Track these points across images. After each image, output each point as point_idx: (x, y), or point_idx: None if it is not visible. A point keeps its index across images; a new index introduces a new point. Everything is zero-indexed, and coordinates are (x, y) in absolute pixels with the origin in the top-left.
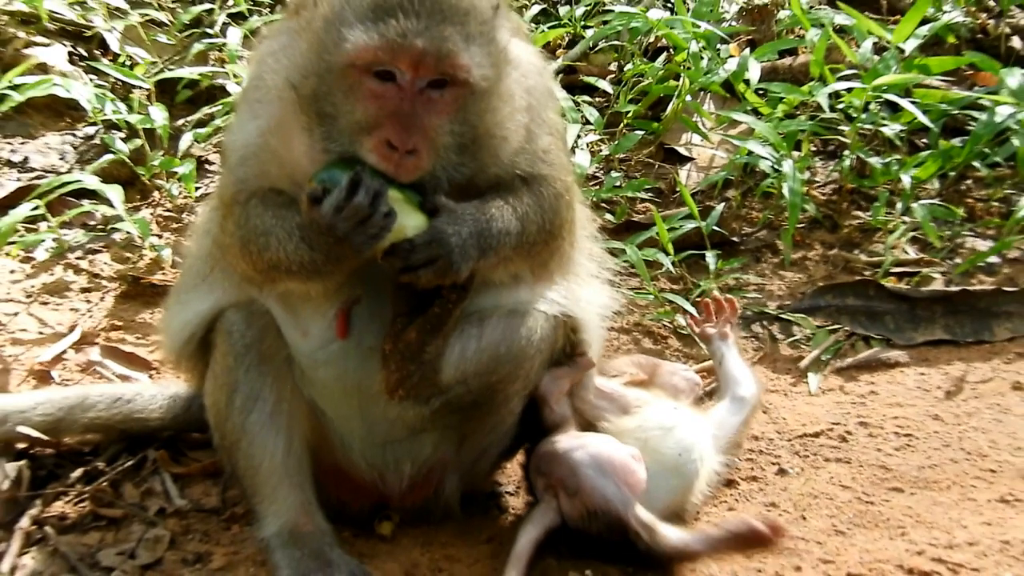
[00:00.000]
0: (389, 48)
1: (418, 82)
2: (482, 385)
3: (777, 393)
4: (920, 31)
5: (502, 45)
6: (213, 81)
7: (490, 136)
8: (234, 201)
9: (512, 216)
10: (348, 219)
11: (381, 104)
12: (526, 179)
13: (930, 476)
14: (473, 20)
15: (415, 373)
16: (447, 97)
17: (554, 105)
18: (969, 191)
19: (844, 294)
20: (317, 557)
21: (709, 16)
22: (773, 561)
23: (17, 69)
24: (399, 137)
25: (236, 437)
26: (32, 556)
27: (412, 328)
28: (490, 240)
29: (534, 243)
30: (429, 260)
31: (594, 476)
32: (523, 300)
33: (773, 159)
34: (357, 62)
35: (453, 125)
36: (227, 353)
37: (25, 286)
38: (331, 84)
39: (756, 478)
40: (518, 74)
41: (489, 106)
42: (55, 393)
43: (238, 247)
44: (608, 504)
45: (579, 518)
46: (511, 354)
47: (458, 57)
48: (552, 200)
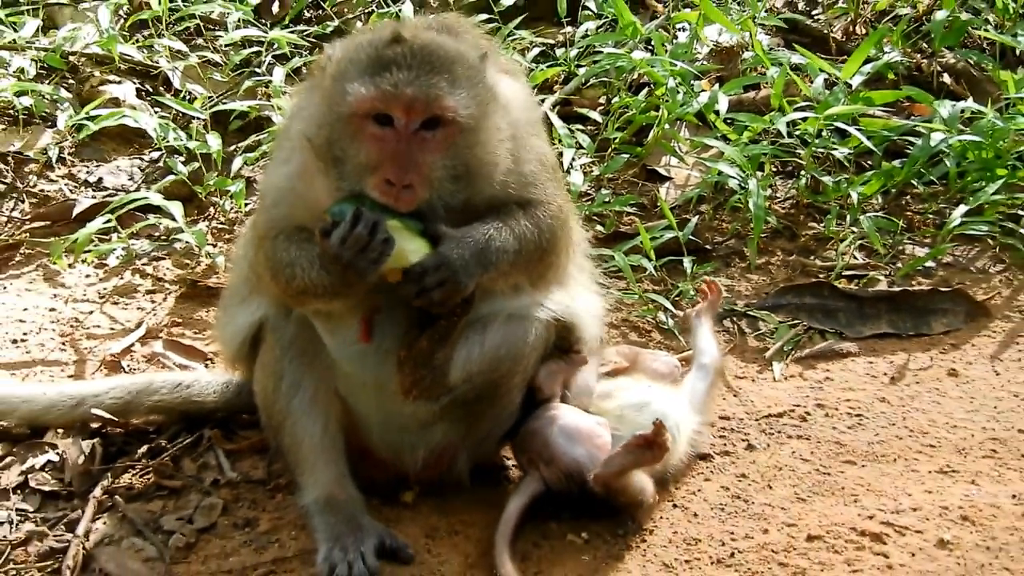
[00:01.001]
0: (384, 97)
1: (411, 124)
2: (485, 382)
3: (746, 379)
4: (864, 68)
5: (488, 85)
6: (260, 113)
7: (481, 165)
8: (265, 236)
9: (509, 235)
10: (351, 247)
11: (381, 146)
12: (521, 203)
13: (878, 451)
14: (459, 66)
15: (427, 376)
16: (439, 136)
17: (539, 135)
18: (908, 205)
19: (802, 294)
20: (349, 522)
21: (684, 56)
22: (744, 524)
23: (93, 103)
24: (396, 175)
25: (282, 418)
26: (104, 521)
27: (423, 337)
28: (489, 256)
29: (531, 259)
30: (439, 282)
31: (564, 444)
32: (521, 306)
33: (740, 178)
34: (358, 111)
35: (446, 160)
36: (274, 346)
37: (99, 288)
38: (340, 132)
39: (728, 452)
40: (505, 109)
41: (478, 140)
42: (124, 380)
43: (269, 276)
44: (579, 465)
45: (559, 482)
46: (510, 355)
47: (445, 100)
48: (547, 221)
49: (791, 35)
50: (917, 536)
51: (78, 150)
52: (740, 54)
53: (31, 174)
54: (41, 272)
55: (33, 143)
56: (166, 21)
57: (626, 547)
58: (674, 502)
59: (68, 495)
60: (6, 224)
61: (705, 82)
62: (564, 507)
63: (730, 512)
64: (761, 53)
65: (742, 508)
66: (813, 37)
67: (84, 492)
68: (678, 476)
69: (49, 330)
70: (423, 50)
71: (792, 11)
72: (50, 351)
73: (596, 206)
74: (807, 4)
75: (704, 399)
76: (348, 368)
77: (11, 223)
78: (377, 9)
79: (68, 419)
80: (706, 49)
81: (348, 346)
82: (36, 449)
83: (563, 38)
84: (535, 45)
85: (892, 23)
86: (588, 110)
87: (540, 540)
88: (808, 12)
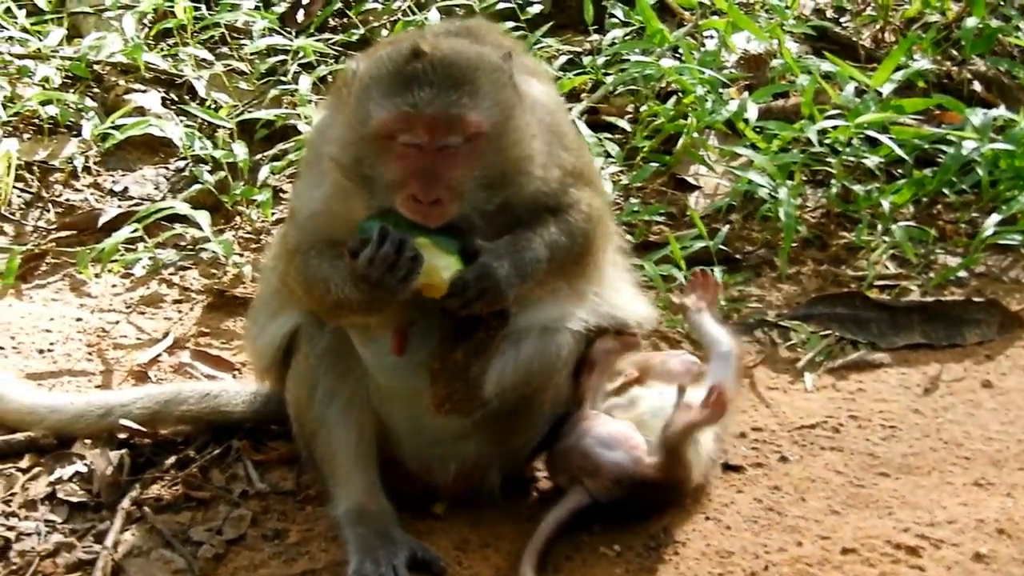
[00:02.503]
0: (405, 119)
1: (435, 143)
2: (517, 397)
3: (777, 390)
4: (895, 76)
5: (513, 88)
6: (286, 121)
7: (514, 165)
8: (297, 250)
9: (540, 244)
10: (379, 267)
11: (407, 164)
12: (551, 209)
13: (913, 463)
14: (482, 74)
15: (460, 390)
16: (465, 149)
17: (567, 135)
18: (940, 215)
19: (834, 304)
20: (380, 534)
21: (712, 64)
22: (778, 537)
23: (119, 112)
24: (422, 192)
25: (316, 427)
26: (132, 533)
27: (458, 350)
28: (525, 268)
29: (564, 265)
30: (481, 292)
31: (604, 452)
32: (554, 318)
33: (770, 187)
34: (381, 132)
35: (476, 170)
36: (309, 355)
37: (125, 298)
38: (366, 151)
39: (760, 464)
40: (532, 110)
41: (508, 143)
42: (153, 389)
43: (302, 290)
44: (622, 468)
45: (606, 491)
46: (543, 370)
47: (467, 117)
48: (579, 225)
49: (819, 42)
50: (953, 549)
51: (103, 159)
52: (768, 62)
53: (56, 183)
54: (67, 282)
55: (58, 152)
56: (191, 30)
57: (659, 559)
58: (706, 514)
59: (96, 506)
60: (32, 234)
61: (733, 90)
62: (596, 519)
63: (763, 524)
64: (791, 60)
65: (775, 520)
66: (841, 44)
67: (112, 503)
68: (703, 489)
69: (76, 340)
70: (443, 63)
71: (820, 18)
72: (77, 361)
73: (625, 215)
74: (835, 11)
75: (732, 389)
76: (381, 379)
77: (37, 232)
78: (403, 17)
79: (96, 429)
80: (734, 57)
81: (382, 357)
82: (64, 460)
83: (590, 46)
84: (562, 53)
85: (921, 31)
86: (616, 118)
87: (572, 553)
88: (836, 19)
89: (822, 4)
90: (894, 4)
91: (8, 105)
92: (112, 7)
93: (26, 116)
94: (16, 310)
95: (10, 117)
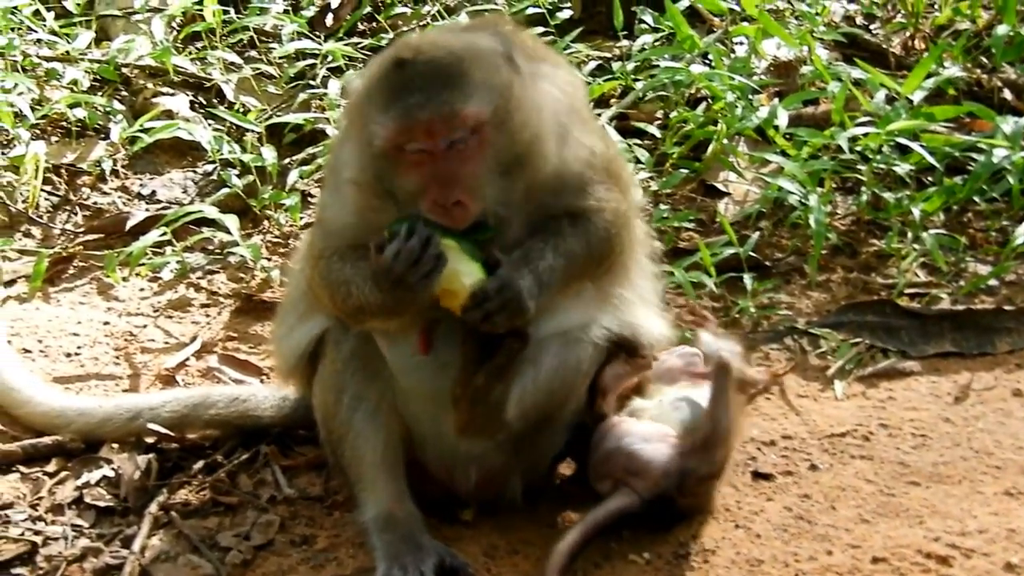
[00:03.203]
0: (404, 128)
1: (440, 144)
2: (540, 415)
3: (807, 398)
4: (925, 84)
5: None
6: (315, 126)
7: (527, 148)
8: (321, 256)
9: (559, 252)
10: (403, 261)
11: (421, 171)
12: (569, 214)
13: (943, 472)
14: (470, 64)
15: (482, 414)
16: (473, 142)
17: (587, 126)
18: (970, 222)
19: (864, 312)
20: (408, 540)
21: (742, 71)
22: (808, 546)
23: (147, 115)
24: (441, 196)
25: (343, 432)
26: (160, 538)
27: (479, 374)
28: (543, 278)
29: (585, 268)
30: (502, 305)
31: (647, 448)
32: (575, 326)
33: (800, 194)
34: (386, 147)
35: (489, 159)
36: (336, 359)
37: (153, 302)
38: (382, 168)
39: (790, 472)
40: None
41: (515, 124)
42: (181, 393)
43: (326, 294)
44: (669, 461)
45: (656, 488)
46: (564, 385)
47: (464, 111)
48: (598, 231)
49: (849, 49)
50: (984, 559)
51: (131, 162)
52: (798, 68)
53: (84, 186)
54: (94, 285)
55: (86, 155)
56: (220, 33)
57: (688, 567)
58: (736, 522)
59: (124, 511)
60: (59, 237)
61: (763, 96)
62: (627, 526)
63: (793, 533)
64: (821, 67)
65: (805, 529)
66: (871, 51)
67: (140, 508)
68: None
69: (103, 344)
70: (428, 65)
71: (850, 25)
72: (104, 365)
73: (655, 222)
74: (865, 18)
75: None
76: (405, 380)
77: (64, 235)
78: (432, 21)
79: (124, 433)
80: (764, 63)
81: (407, 358)
82: (91, 464)
83: (620, 52)
84: (591, 58)
85: (952, 38)
86: (646, 124)
87: (601, 560)
88: (866, 27)
89: (852, 11)
90: (924, 11)
91: (36, 108)
92: (140, 10)
93: (54, 119)
94: (43, 313)
95: (38, 120)
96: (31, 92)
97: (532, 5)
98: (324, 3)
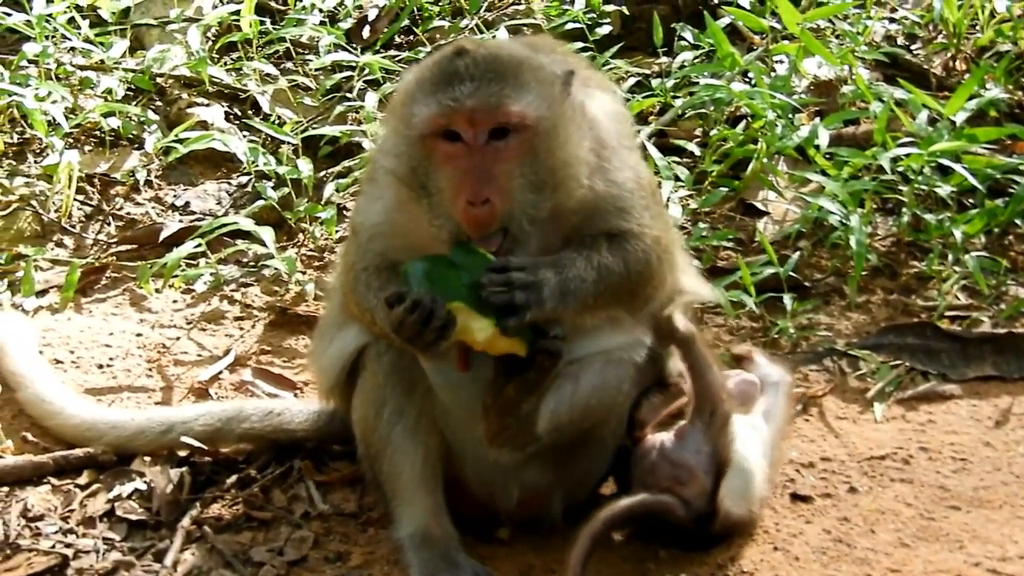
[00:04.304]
0: (446, 112)
1: (479, 136)
2: (576, 431)
3: (847, 420)
4: (968, 105)
5: (562, 89)
6: (351, 138)
7: (563, 169)
8: (352, 269)
9: (588, 266)
10: (409, 328)
11: (455, 164)
12: (608, 234)
13: (984, 496)
14: (526, 69)
15: (512, 425)
16: (512, 144)
17: (633, 154)
18: (1012, 245)
19: (904, 334)
20: (445, 559)
21: (783, 89)
22: (847, 569)
23: (182, 126)
24: (472, 191)
25: (382, 446)
26: (192, 552)
27: (511, 386)
28: (569, 284)
29: (618, 293)
30: (524, 285)
31: (692, 456)
32: (617, 346)
33: (841, 214)
34: (425, 131)
35: (524, 167)
36: (376, 373)
37: (186, 314)
38: (417, 157)
39: (829, 495)
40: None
41: (555, 141)
42: (214, 406)
43: (357, 312)
44: (710, 462)
45: (703, 492)
46: (603, 404)
47: (509, 106)
48: (637, 253)
49: (890, 69)
50: None
51: (165, 173)
52: (839, 88)
53: (117, 196)
54: (127, 296)
55: (120, 165)
56: (256, 44)
57: None
58: (775, 544)
59: (156, 525)
60: (92, 247)
61: (804, 115)
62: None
63: (832, 556)
64: (863, 87)
65: (844, 552)
66: (912, 72)
67: (172, 522)
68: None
69: (135, 356)
70: (486, 59)
71: (891, 45)
72: (136, 377)
73: (693, 240)
74: (906, 39)
75: (781, 424)
76: (445, 396)
77: (97, 246)
78: (470, 35)
79: (156, 446)
80: (805, 82)
81: (446, 374)
82: (123, 477)
83: (659, 68)
84: (630, 75)
85: (994, 60)
86: (685, 142)
87: None
88: (907, 47)
89: (893, 31)
90: (966, 32)
91: (70, 116)
92: (176, 19)
93: (88, 128)
94: (75, 324)
95: (72, 128)
96: (65, 100)
97: (571, 20)
98: (361, 15)
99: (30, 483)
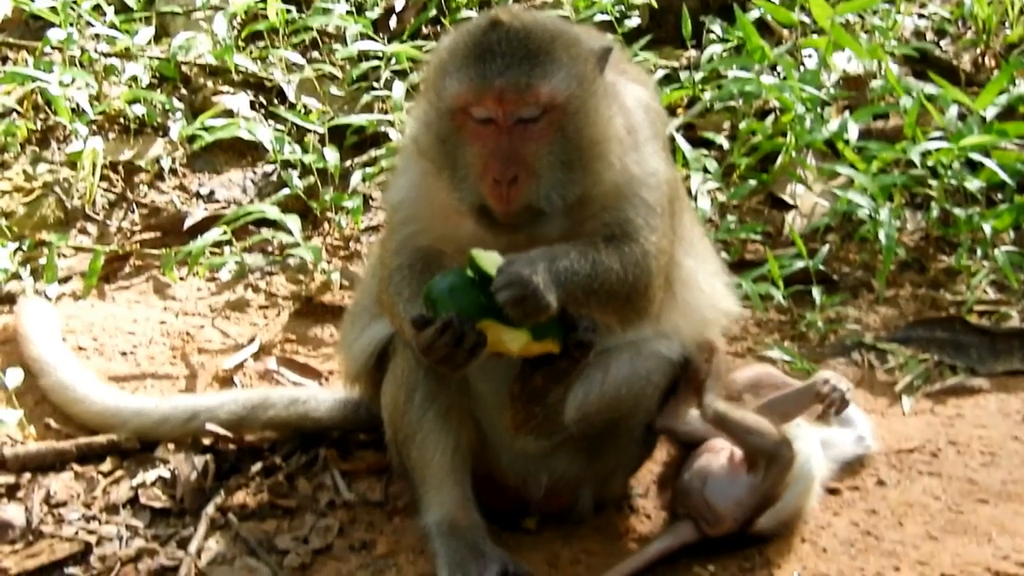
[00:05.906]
0: (475, 91)
1: (508, 117)
2: (604, 421)
3: (875, 413)
4: (998, 100)
5: (595, 67)
6: (378, 128)
7: (593, 150)
8: (386, 263)
9: (581, 257)
10: (439, 350)
11: (483, 142)
12: (608, 234)
13: (1012, 490)
14: (559, 45)
15: (539, 414)
16: (542, 123)
17: (658, 153)
18: None
19: (933, 328)
20: (471, 548)
21: (812, 83)
22: (875, 562)
23: (207, 113)
24: (500, 171)
25: (412, 431)
26: (216, 540)
27: (538, 374)
28: (560, 274)
29: (613, 290)
30: (520, 298)
31: (726, 499)
32: (647, 339)
33: (870, 208)
34: (454, 106)
35: (553, 145)
36: (409, 357)
37: (211, 302)
38: (445, 130)
39: (857, 488)
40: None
41: (585, 120)
42: (240, 394)
43: (390, 314)
44: (744, 511)
45: (723, 532)
46: (632, 395)
47: (539, 88)
48: (638, 254)
49: (919, 64)
50: None
51: (190, 161)
52: (868, 82)
53: (142, 184)
54: (151, 284)
55: (144, 153)
56: (282, 33)
57: None
58: (803, 536)
59: (180, 512)
60: (116, 234)
61: (833, 110)
62: None
63: (860, 548)
64: (894, 81)
65: (873, 545)
66: (941, 67)
67: (196, 509)
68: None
69: (159, 343)
70: (519, 33)
71: (920, 41)
72: (160, 364)
73: (722, 233)
74: (935, 34)
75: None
76: (477, 385)
77: (120, 233)
78: None
79: (180, 433)
80: (834, 76)
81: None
82: (147, 464)
83: (688, 61)
84: (659, 67)
85: (1023, 56)
86: (714, 135)
87: (665, 572)
88: (936, 42)
89: (922, 27)
90: (996, 29)
91: (95, 103)
92: (202, 7)
93: (112, 115)
94: (99, 311)
95: (96, 115)
96: (89, 87)
97: (600, 12)
98: (388, 5)
99: (53, 469)
